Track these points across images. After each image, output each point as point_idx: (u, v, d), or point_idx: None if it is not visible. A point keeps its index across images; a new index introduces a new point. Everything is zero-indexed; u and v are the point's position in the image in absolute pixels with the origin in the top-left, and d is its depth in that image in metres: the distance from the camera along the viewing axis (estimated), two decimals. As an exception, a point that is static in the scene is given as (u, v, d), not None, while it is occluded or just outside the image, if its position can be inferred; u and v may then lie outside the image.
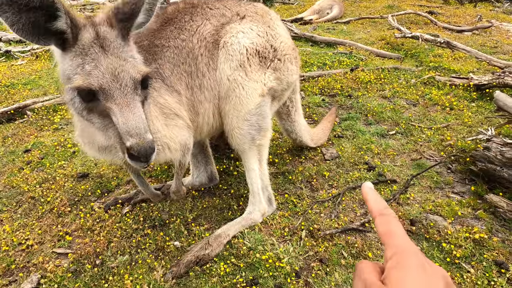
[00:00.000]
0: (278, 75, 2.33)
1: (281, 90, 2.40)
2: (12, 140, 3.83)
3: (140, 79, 1.48)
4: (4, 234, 2.49)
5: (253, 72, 2.21)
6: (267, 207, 2.44)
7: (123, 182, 3.00)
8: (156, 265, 2.12)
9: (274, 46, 2.30)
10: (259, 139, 2.31)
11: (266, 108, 2.30)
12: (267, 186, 2.46)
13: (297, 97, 2.83)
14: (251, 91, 2.21)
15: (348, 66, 5.10)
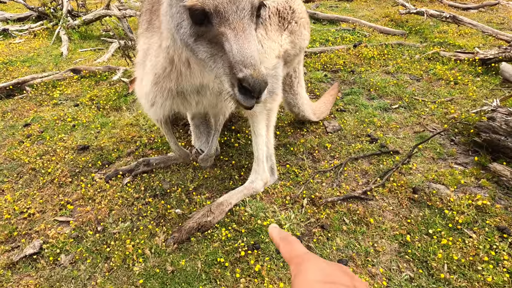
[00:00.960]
0: (293, 38, 2.32)
1: (293, 54, 2.40)
2: (11, 115, 3.80)
3: (257, 5, 1.33)
4: (5, 204, 2.49)
5: (272, 32, 2.21)
6: (269, 177, 2.43)
7: (124, 154, 2.98)
8: (157, 231, 2.12)
9: (293, 7, 2.29)
10: (270, 102, 2.30)
11: (280, 71, 2.30)
12: (271, 155, 2.44)
13: (301, 68, 2.80)
14: (269, 51, 2.20)
15: (351, 43, 5.01)
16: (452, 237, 1.97)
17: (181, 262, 1.89)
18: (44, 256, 2.03)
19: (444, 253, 1.87)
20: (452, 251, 1.88)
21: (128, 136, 3.17)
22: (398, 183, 2.37)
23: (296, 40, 2.35)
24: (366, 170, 2.57)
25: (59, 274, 1.91)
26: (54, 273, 1.92)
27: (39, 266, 1.97)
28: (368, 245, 1.97)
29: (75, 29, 6.42)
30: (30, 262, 2.01)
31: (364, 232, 2.05)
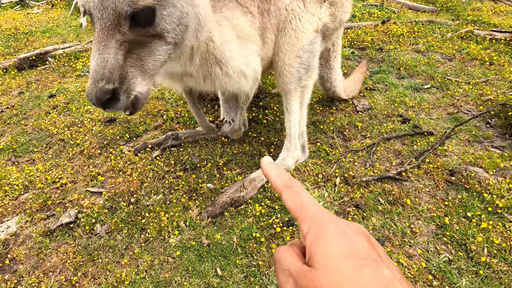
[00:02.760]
0: (333, 10, 2.20)
1: (333, 28, 2.28)
2: (36, 86, 3.80)
3: (128, 13, 1.19)
4: (37, 173, 2.52)
5: (311, 4, 2.09)
6: (301, 155, 2.39)
7: (151, 127, 2.97)
8: (190, 205, 2.12)
9: None
10: (305, 79, 2.22)
11: (317, 46, 2.19)
12: (303, 133, 2.40)
13: (339, 42, 2.69)
14: (307, 25, 2.09)
15: (379, 19, 4.81)
16: (491, 221, 1.92)
17: (217, 236, 1.90)
18: (79, 225, 2.06)
19: (484, 237, 1.83)
20: (492, 235, 1.84)
21: (154, 109, 3.15)
22: (434, 165, 2.31)
23: (336, 12, 2.23)
24: (399, 150, 2.51)
25: (96, 243, 1.94)
26: (91, 242, 1.95)
27: (75, 234, 2.00)
28: (404, 226, 1.94)
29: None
30: (67, 230, 2.04)
31: (400, 212, 2.01)
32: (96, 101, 1.23)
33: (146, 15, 1.24)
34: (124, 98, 1.27)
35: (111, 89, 1.22)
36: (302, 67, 2.16)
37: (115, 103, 1.26)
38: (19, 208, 2.25)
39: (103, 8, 1.18)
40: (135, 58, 1.29)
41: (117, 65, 1.23)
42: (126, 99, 1.27)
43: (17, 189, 2.38)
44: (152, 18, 1.25)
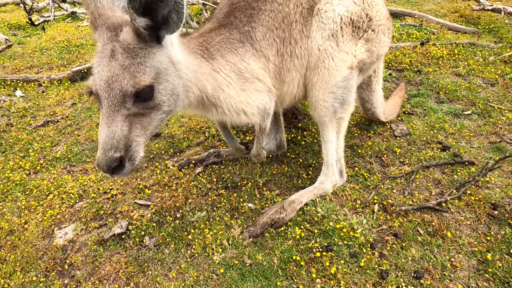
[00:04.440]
0: (370, 46, 2.23)
1: (370, 63, 2.32)
2: (87, 98, 4.08)
3: (133, 92, 1.44)
4: (90, 183, 2.72)
5: (345, 43, 2.14)
6: (339, 179, 2.45)
7: (193, 144, 3.12)
8: (233, 223, 2.23)
9: (370, 15, 2.19)
10: (341, 112, 2.27)
11: (353, 82, 2.25)
12: (340, 158, 2.45)
13: (381, 67, 2.74)
14: (341, 63, 2.15)
15: (417, 40, 4.79)
16: (537, 260, 1.89)
17: (258, 256, 1.99)
18: (130, 236, 2.22)
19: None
20: (537, 275, 1.82)
21: (197, 126, 3.31)
22: (476, 197, 2.29)
23: (373, 48, 2.26)
24: (439, 179, 2.51)
25: (146, 255, 2.08)
26: (141, 254, 2.09)
27: (127, 245, 2.16)
28: (444, 259, 1.95)
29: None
30: (119, 241, 2.20)
31: (440, 245, 2.02)
32: (107, 168, 1.45)
33: (147, 92, 1.49)
34: (129, 165, 1.50)
35: (118, 157, 1.45)
36: (337, 102, 2.23)
37: (122, 170, 1.49)
38: (75, 215, 2.44)
39: (110, 89, 1.42)
40: (138, 128, 1.52)
41: (123, 136, 1.46)
42: (131, 166, 1.51)
43: (73, 197, 2.59)
44: (151, 93, 1.51)
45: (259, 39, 2.06)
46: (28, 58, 5.37)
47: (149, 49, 1.51)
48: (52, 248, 2.18)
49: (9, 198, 2.64)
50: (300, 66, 2.20)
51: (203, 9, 6.04)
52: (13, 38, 6.19)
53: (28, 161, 3.01)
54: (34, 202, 2.55)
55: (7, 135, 3.43)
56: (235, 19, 2.10)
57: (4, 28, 6.77)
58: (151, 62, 1.50)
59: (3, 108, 3.92)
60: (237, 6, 2.12)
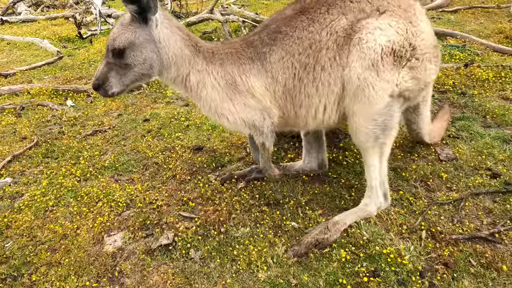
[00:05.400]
0: (415, 74, 2.21)
1: (417, 90, 2.29)
2: (132, 109, 4.27)
3: (110, 49, 2.12)
4: (136, 192, 2.83)
5: (386, 72, 2.12)
6: (383, 202, 2.41)
7: (235, 159, 3.18)
8: (276, 241, 2.25)
9: (413, 44, 2.16)
10: (383, 138, 2.25)
11: (396, 108, 2.23)
12: (384, 181, 2.42)
13: (429, 90, 2.69)
14: (381, 92, 2.14)
15: (461, 61, 4.68)
16: None
17: (304, 277, 1.98)
18: (176, 248, 2.28)
19: None
20: None
21: (238, 141, 3.38)
22: (532, 230, 2.19)
23: (418, 75, 2.22)
24: (490, 208, 2.41)
25: (192, 267, 2.13)
26: (187, 266, 2.14)
27: (173, 256, 2.22)
28: (500, 293, 1.87)
29: (179, 30, 6.95)
30: (165, 251, 2.26)
31: (495, 278, 1.94)
32: (92, 86, 2.23)
33: (118, 52, 2.11)
34: (102, 91, 2.20)
35: (97, 84, 2.17)
36: (379, 128, 2.21)
37: (99, 92, 2.21)
38: (123, 224, 2.54)
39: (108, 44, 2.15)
40: (114, 73, 2.16)
41: (103, 73, 2.16)
42: (104, 92, 2.20)
43: (121, 205, 2.70)
44: (122, 54, 2.11)
45: (273, 61, 2.22)
46: (77, 69, 5.72)
47: (134, 26, 2.10)
48: (102, 255, 2.28)
49: (62, 203, 2.79)
50: (328, 93, 2.24)
51: (241, 25, 6.22)
52: (64, 51, 6.62)
53: (78, 168, 3.18)
54: (85, 208, 2.69)
55: (59, 142, 3.64)
56: (259, 39, 2.29)
57: (55, 41, 7.24)
58: (128, 35, 2.08)
59: (56, 116, 4.17)
60: (268, 27, 2.30)
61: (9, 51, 6.89)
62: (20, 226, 2.54)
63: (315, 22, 2.21)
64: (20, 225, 2.55)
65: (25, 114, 4.26)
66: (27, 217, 2.62)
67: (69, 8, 10.74)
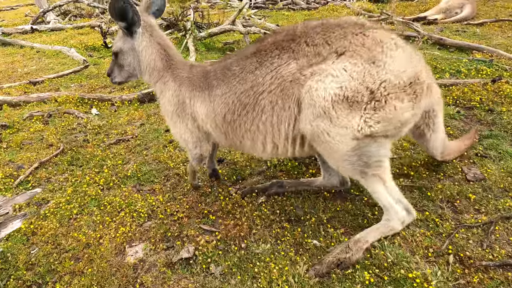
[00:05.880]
0: (381, 115, 2.04)
1: (394, 128, 2.11)
2: (154, 119, 4.34)
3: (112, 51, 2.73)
4: (158, 203, 2.86)
5: (340, 118, 2.04)
6: (406, 216, 2.30)
7: (255, 172, 3.18)
8: (298, 260, 2.21)
9: (371, 88, 2.02)
10: (372, 171, 2.15)
11: (371, 148, 2.11)
12: (399, 199, 2.28)
13: (438, 120, 2.54)
14: (340, 137, 2.08)
15: (488, 76, 4.56)
16: None
17: (326, 299, 1.94)
18: (196, 262, 2.28)
19: None
20: None
21: (259, 154, 3.37)
22: None
23: (387, 115, 2.04)
24: None
25: (212, 283, 2.12)
26: (207, 281, 2.14)
27: (194, 271, 2.21)
28: (534, 326, 1.77)
29: (201, 40, 7.07)
30: (186, 265, 2.27)
31: (529, 309, 1.85)
32: (107, 74, 2.85)
33: (115, 55, 2.68)
34: (111, 79, 2.80)
35: (108, 73, 2.80)
36: (359, 165, 2.14)
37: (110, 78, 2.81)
38: (144, 235, 2.56)
39: None
40: (117, 69, 2.72)
41: (111, 67, 2.76)
42: (111, 80, 2.80)
43: (142, 216, 2.73)
44: (116, 56, 2.67)
45: (217, 94, 2.38)
46: (102, 78, 5.88)
47: (124, 38, 2.58)
48: (124, 266, 2.30)
49: (85, 211, 2.84)
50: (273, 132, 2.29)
51: (263, 37, 6.25)
52: (90, 59, 6.83)
53: (102, 177, 3.24)
54: (108, 217, 2.73)
55: (84, 150, 3.73)
56: (213, 71, 2.50)
57: (82, 49, 7.49)
58: (120, 44, 2.60)
59: (81, 124, 4.29)
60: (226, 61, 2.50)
61: (38, 59, 7.17)
62: (45, 233, 2.60)
63: (262, 65, 2.26)
64: (45, 232, 2.61)
65: (52, 121, 4.40)
66: (52, 224, 2.68)
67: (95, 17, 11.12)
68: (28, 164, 3.50)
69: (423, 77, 2.15)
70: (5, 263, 2.35)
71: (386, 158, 2.18)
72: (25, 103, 4.84)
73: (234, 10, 9.11)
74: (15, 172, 3.38)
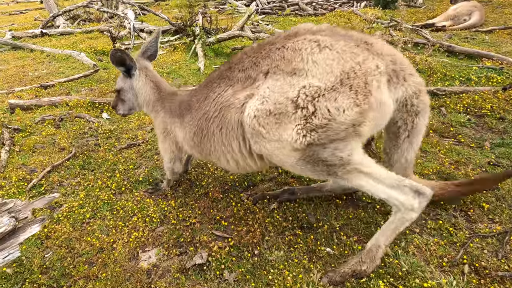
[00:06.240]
0: (316, 122, 1.95)
1: (341, 130, 1.95)
2: (164, 124, 4.36)
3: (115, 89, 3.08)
4: (170, 209, 2.87)
5: (271, 133, 2.06)
6: (415, 199, 2.03)
7: (266, 178, 3.19)
8: (311, 267, 2.21)
9: (292, 97, 1.99)
10: (341, 170, 2.02)
11: (323, 154, 2.00)
12: (399, 183, 2.03)
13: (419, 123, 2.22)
14: (278, 151, 2.09)
15: (498, 84, 4.55)
16: None
17: (341, 308, 1.94)
18: (210, 268, 2.28)
19: None
20: None
21: (270, 161, 3.38)
22: None
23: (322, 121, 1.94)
24: None
25: (226, 289, 2.12)
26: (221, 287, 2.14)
27: (207, 277, 2.22)
28: None
29: (209, 45, 7.12)
30: (199, 271, 2.27)
31: (547, 322, 1.83)
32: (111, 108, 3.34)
33: (117, 92, 3.03)
34: (116, 111, 3.13)
35: (112, 106, 3.15)
36: (321, 170, 2.06)
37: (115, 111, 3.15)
38: (157, 240, 2.58)
39: None
40: (120, 103, 3.07)
41: (115, 102, 3.10)
42: (116, 111, 3.13)
43: (155, 221, 2.74)
44: (119, 93, 3.02)
45: (186, 121, 2.67)
46: (112, 82, 5.92)
47: (125, 78, 2.96)
48: (138, 271, 2.31)
49: (98, 215, 2.86)
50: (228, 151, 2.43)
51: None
52: (99, 64, 6.90)
53: (114, 181, 3.27)
54: (121, 222, 2.74)
55: (95, 154, 3.77)
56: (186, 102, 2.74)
57: (91, 54, 7.57)
58: (121, 83, 2.98)
59: (92, 129, 4.33)
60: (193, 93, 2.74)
61: (49, 63, 7.25)
62: (59, 237, 2.62)
63: (209, 95, 2.48)
64: (59, 236, 2.63)
65: (63, 125, 4.44)
66: (65, 228, 2.70)
67: (104, 22, 11.25)
68: (41, 168, 3.53)
69: (366, 68, 1.98)
70: (20, 267, 2.37)
71: (351, 156, 2.00)
72: (37, 106, 4.90)
73: (241, 16, 9.17)
74: (28, 175, 3.42)
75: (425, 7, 9.66)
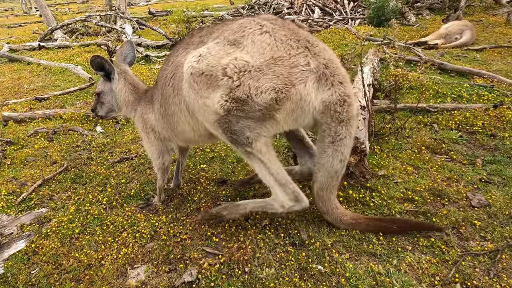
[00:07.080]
0: (238, 94, 2.18)
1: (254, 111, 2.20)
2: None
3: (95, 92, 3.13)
4: (161, 224, 2.84)
5: (202, 91, 2.29)
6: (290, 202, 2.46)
7: (259, 193, 3.17)
8: (302, 285, 2.18)
9: (223, 64, 2.21)
10: (244, 148, 2.32)
11: (233, 126, 2.26)
12: (286, 184, 2.42)
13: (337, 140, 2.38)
14: (203, 108, 2.32)
15: (489, 102, 4.61)
16: None
17: (332, 328, 1.90)
18: (199, 286, 2.24)
19: None
20: None
21: (263, 176, 3.37)
22: None
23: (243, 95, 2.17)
24: None
25: (215, 308, 2.08)
26: (210, 306, 2.10)
27: (196, 295, 2.18)
28: None
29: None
30: (189, 289, 2.23)
31: None
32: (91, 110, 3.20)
33: (97, 95, 3.09)
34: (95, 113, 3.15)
35: (92, 109, 3.16)
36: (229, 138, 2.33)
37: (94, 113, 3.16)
38: (146, 256, 2.53)
39: None
40: (100, 106, 3.11)
41: (95, 104, 3.12)
42: (95, 114, 3.16)
43: (145, 237, 2.70)
44: (99, 96, 3.08)
45: (155, 98, 2.82)
46: (108, 96, 5.93)
47: (104, 82, 3.04)
48: (125, 288, 2.26)
49: (87, 231, 2.82)
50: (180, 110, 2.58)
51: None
52: (95, 77, 6.92)
53: (105, 195, 3.23)
54: (110, 238, 2.70)
55: (87, 168, 3.74)
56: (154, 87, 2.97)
57: (88, 67, 7.60)
58: (101, 87, 3.06)
59: (85, 142, 4.31)
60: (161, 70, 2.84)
61: (45, 75, 7.28)
62: (46, 252, 2.57)
63: (169, 60, 2.71)
64: (46, 252, 2.58)
65: (56, 138, 4.42)
66: (53, 244, 2.65)
67: (102, 36, 11.36)
68: (32, 181, 3.50)
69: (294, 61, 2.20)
70: (5, 284, 2.32)
71: (255, 140, 2.28)
72: (31, 119, 4.88)
73: (238, 32, 9.28)
74: (18, 189, 3.38)
75: (418, 26, 9.85)
